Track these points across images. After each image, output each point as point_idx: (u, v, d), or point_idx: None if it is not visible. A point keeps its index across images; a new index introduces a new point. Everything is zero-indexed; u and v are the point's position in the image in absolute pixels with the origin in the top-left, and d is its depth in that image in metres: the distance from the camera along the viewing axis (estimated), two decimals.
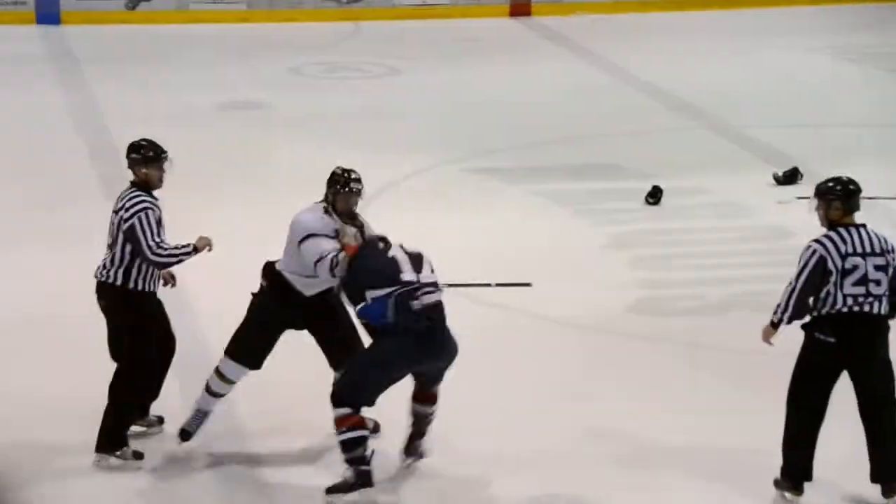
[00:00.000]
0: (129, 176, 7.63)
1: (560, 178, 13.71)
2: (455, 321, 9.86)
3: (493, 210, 12.74)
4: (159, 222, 7.46)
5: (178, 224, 8.06)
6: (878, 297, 6.92)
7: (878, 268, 6.91)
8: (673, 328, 10.03)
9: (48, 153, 14.33)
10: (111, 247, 7.51)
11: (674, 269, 11.28)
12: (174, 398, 8.03)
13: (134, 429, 7.73)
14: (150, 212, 7.41)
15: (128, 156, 7.63)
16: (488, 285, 10.56)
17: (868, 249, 6.91)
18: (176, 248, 7.44)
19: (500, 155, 14.57)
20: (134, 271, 7.45)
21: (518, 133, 15.45)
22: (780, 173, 13.27)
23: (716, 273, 11.14)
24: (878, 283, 6.90)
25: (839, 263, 6.88)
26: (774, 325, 7.13)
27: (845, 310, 6.90)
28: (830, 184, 7.05)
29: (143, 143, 7.63)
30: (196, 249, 7.50)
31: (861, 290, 6.89)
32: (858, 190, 7.06)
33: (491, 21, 21.84)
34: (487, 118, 16.12)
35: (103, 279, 7.52)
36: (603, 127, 15.73)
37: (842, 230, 6.94)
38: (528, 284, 10.59)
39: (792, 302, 6.98)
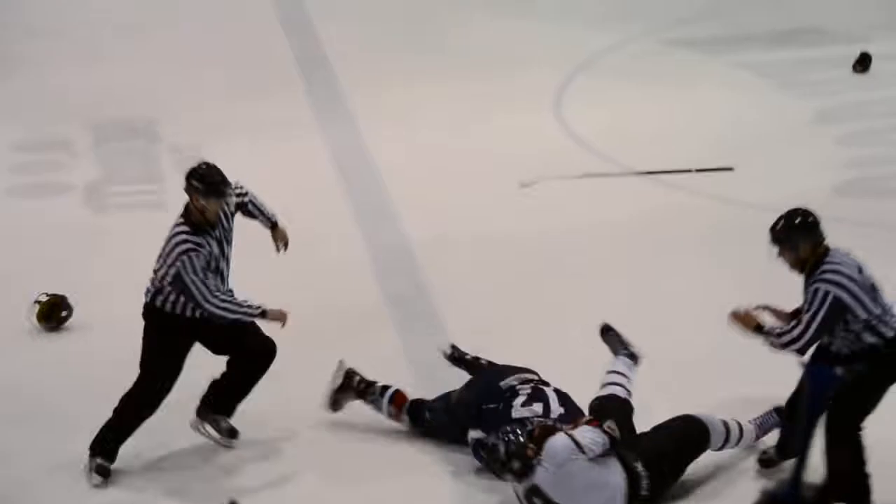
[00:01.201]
0: None
1: (763, 46, 13.17)
2: (654, 209, 9.78)
3: (692, 86, 12.30)
4: (207, 267, 6.68)
5: None
6: None
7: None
8: (886, 210, 9.59)
9: None
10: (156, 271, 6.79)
11: (887, 143, 10.77)
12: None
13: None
14: (194, 256, 6.62)
15: (187, 180, 6.70)
16: (689, 171, 10.29)
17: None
18: (240, 303, 6.77)
19: (699, 24, 14.04)
20: (172, 296, 6.74)
21: None
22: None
23: None
24: None
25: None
26: (761, 331, 6.24)
27: None
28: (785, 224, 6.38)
29: (207, 170, 6.73)
30: (264, 314, 6.81)
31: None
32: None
33: None
34: None
35: (146, 299, 6.85)
36: None
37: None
38: (730, 169, 10.30)
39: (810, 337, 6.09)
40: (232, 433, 7.09)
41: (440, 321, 8.36)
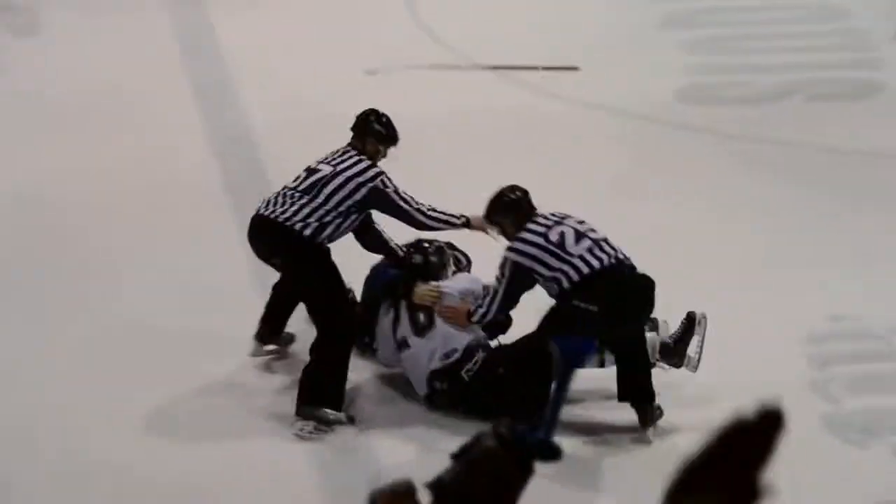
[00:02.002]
0: None
1: None
2: (501, 105, 9.85)
3: None
4: None
5: None
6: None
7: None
8: (720, 118, 9.78)
9: None
10: (307, 193, 6.68)
11: (727, 52, 10.95)
12: None
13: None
14: (388, 176, 6.75)
15: (369, 122, 7.01)
16: (536, 68, 10.37)
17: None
18: (446, 213, 6.75)
19: None
20: (329, 228, 6.60)
21: None
22: None
23: (772, 59, 10.81)
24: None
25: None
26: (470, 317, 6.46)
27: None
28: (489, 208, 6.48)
29: (388, 119, 7.04)
30: (467, 223, 6.73)
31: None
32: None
33: None
34: None
35: (289, 224, 6.58)
36: None
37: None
38: (575, 68, 10.39)
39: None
40: (349, 419, 6.44)
41: None
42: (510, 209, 6.42)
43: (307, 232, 6.50)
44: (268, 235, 6.61)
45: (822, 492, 4.33)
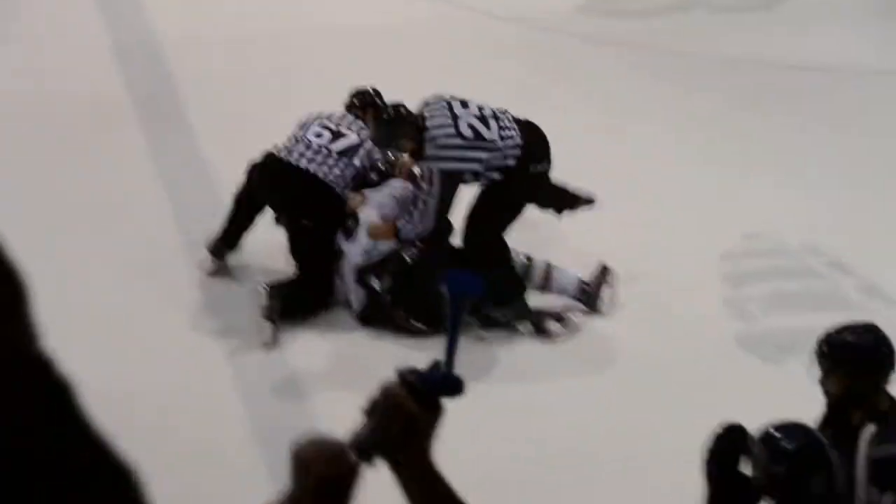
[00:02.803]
0: None
1: None
2: (404, 15, 9.77)
3: None
4: None
5: None
6: None
7: None
8: (625, 29, 9.78)
9: None
10: (344, 156, 6.56)
11: None
12: None
13: None
14: None
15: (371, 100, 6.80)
16: None
17: None
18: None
19: None
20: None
21: None
22: None
23: None
24: None
25: None
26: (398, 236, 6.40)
27: None
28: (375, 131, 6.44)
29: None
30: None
31: None
32: None
33: None
34: None
35: (333, 186, 6.50)
36: None
37: None
38: None
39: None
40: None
41: (188, 119, 8.23)
42: (397, 126, 6.23)
43: (342, 197, 6.45)
44: (301, 189, 6.46)
45: (738, 408, 4.37)
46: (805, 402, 4.06)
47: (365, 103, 6.78)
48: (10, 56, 9.00)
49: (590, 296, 6.39)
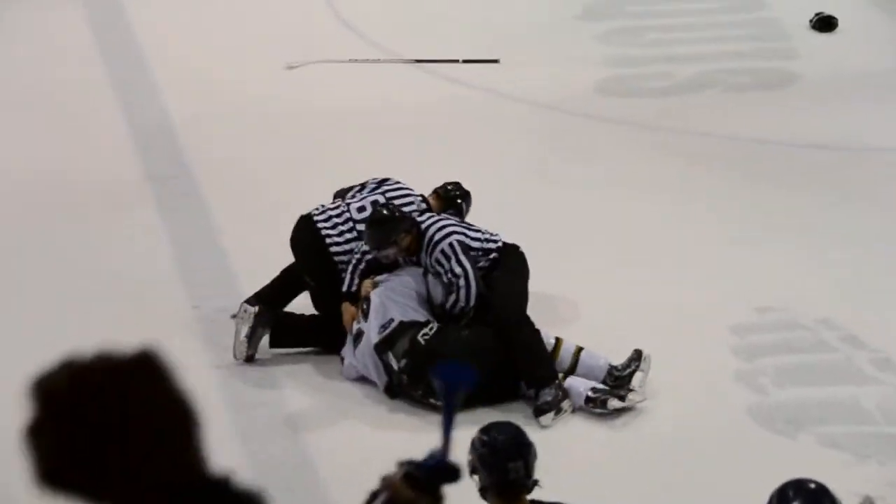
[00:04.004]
0: None
1: None
2: (421, 99, 9.86)
3: None
4: None
5: None
6: None
7: None
8: (638, 109, 9.83)
9: None
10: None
11: (642, 45, 11.01)
12: None
13: None
14: None
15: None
16: (456, 61, 10.38)
17: None
18: None
19: None
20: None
21: None
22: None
23: (688, 49, 10.90)
24: None
25: None
26: None
27: None
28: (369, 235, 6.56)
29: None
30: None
31: None
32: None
33: None
34: None
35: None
36: None
37: None
38: (495, 61, 10.42)
39: None
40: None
41: (202, 197, 8.31)
42: (394, 224, 6.47)
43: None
44: (313, 251, 6.76)
45: (749, 482, 4.38)
46: (815, 476, 4.04)
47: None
48: (34, 138, 9.12)
49: (618, 380, 6.26)
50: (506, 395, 6.18)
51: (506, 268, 6.53)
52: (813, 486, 3.74)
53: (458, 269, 6.35)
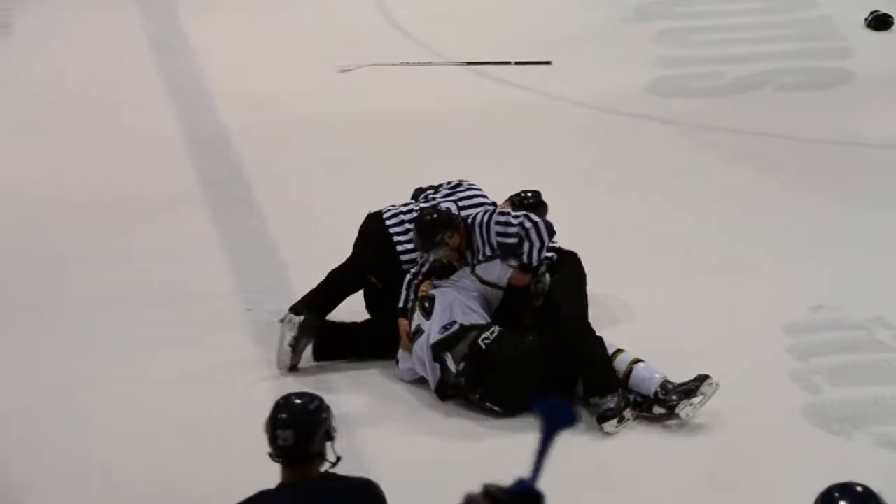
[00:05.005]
0: None
1: None
2: (474, 101, 9.88)
3: None
4: None
5: None
6: None
7: None
8: (688, 110, 9.78)
9: None
10: None
11: (693, 45, 10.97)
12: None
13: None
14: None
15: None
16: (508, 63, 10.39)
17: None
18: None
19: None
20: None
21: None
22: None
23: (740, 49, 10.84)
24: None
25: None
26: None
27: None
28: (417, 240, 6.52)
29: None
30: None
31: None
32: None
33: None
34: None
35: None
36: None
37: None
38: (548, 63, 10.43)
39: None
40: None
41: (257, 202, 8.36)
42: (435, 227, 6.42)
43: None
44: (380, 248, 6.72)
45: (804, 482, 4.35)
46: (872, 476, 4.02)
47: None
48: (88, 146, 9.21)
49: (670, 396, 6.08)
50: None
51: (565, 271, 6.52)
52: (860, 489, 3.70)
53: (518, 218, 6.34)
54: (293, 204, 8.27)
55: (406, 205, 6.79)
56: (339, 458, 4.18)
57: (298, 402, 4.21)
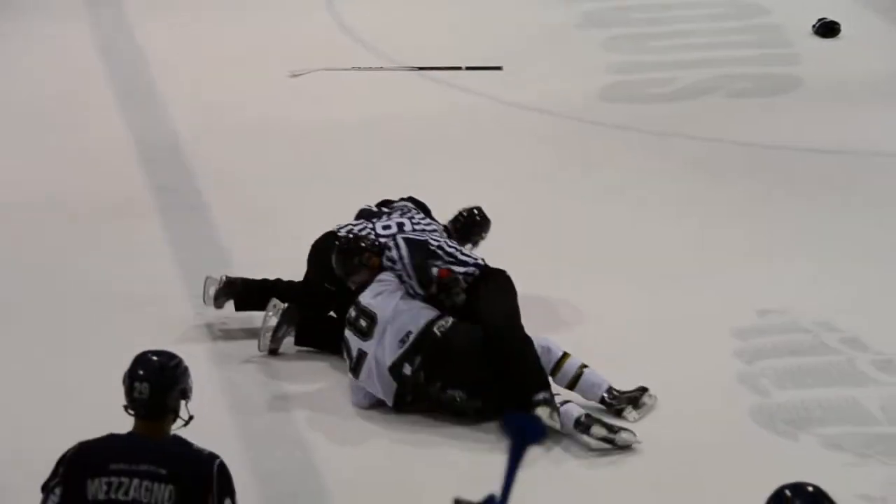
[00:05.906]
0: None
1: None
2: (424, 106, 9.90)
3: None
4: None
5: None
6: None
7: None
8: (642, 116, 9.86)
9: None
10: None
11: (647, 51, 11.06)
12: None
13: None
14: None
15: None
16: (458, 68, 10.43)
17: None
18: None
19: None
20: None
21: None
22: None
23: (691, 55, 10.93)
24: None
25: None
26: None
27: None
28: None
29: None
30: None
31: None
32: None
33: None
34: None
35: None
36: None
37: None
38: (499, 68, 10.47)
39: None
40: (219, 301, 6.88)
41: (208, 208, 8.34)
42: (362, 249, 6.47)
43: None
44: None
45: (752, 484, 4.40)
46: (817, 477, 4.05)
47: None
48: (39, 150, 9.18)
49: (614, 399, 6.16)
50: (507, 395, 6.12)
51: (490, 284, 6.47)
52: (811, 489, 3.74)
53: (393, 253, 6.38)
54: (247, 209, 8.26)
55: (359, 225, 6.76)
56: (191, 417, 4.28)
57: (157, 358, 4.30)
